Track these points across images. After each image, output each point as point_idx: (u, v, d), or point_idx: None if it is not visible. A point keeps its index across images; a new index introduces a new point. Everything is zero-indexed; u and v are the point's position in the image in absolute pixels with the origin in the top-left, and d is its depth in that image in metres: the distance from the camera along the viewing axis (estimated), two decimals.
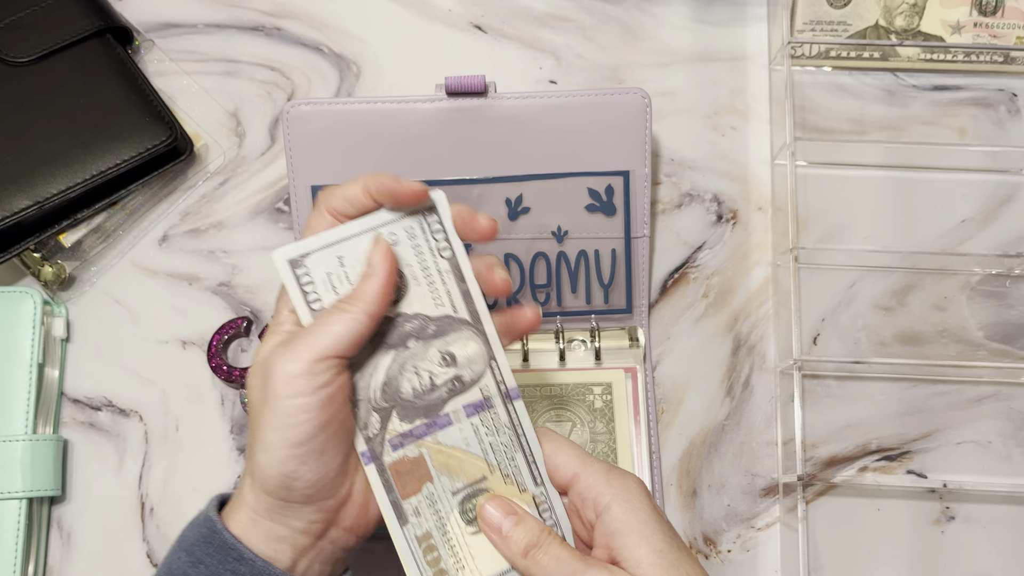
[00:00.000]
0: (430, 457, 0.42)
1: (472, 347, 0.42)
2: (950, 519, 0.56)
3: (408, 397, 0.42)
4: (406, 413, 0.42)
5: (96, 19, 0.59)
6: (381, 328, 0.41)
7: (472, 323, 0.42)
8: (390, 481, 0.42)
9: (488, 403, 0.43)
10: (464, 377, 0.42)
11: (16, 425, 0.54)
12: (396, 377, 0.41)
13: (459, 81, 0.54)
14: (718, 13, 0.64)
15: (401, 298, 0.41)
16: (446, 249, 0.41)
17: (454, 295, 0.42)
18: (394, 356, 0.41)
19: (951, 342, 0.58)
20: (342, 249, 0.40)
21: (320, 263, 0.40)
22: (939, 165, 0.61)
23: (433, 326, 0.42)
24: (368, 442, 0.41)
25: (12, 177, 0.56)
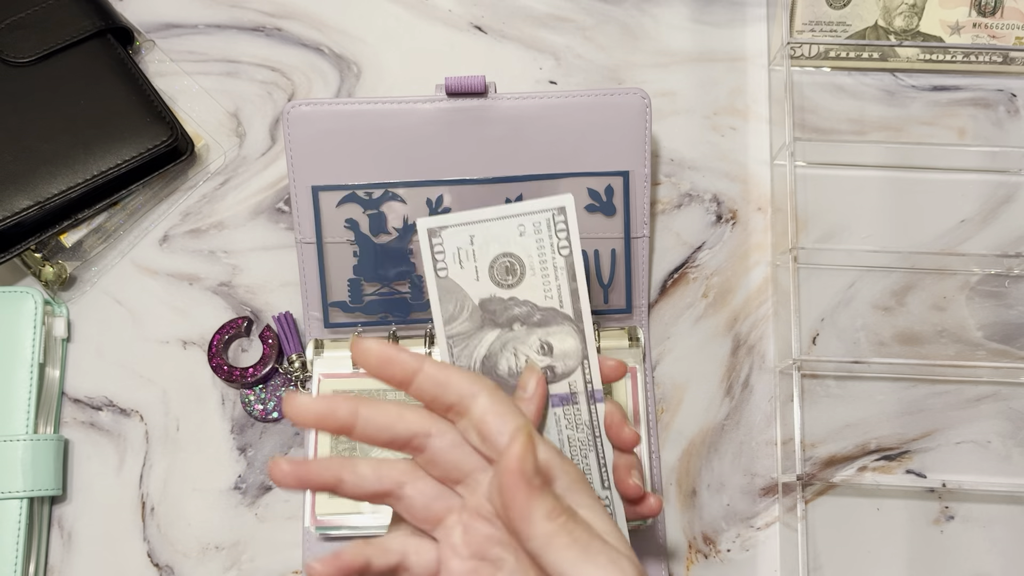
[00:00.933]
0: None
1: (570, 342, 0.45)
2: (949, 519, 0.56)
3: (503, 374, 0.45)
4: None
5: (97, 19, 0.59)
6: (493, 307, 0.45)
7: (574, 320, 0.45)
8: None
9: (574, 398, 0.45)
10: (557, 368, 0.45)
11: (17, 425, 0.54)
12: (497, 354, 0.45)
13: (459, 81, 0.55)
14: (717, 13, 0.64)
15: (517, 284, 0.45)
16: (565, 248, 0.44)
17: (563, 291, 0.45)
18: (499, 335, 0.45)
19: (950, 342, 0.58)
20: (475, 229, 0.44)
21: (453, 237, 0.44)
22: (938, 165, 0.61)
23: (539, 315, 0.45)
24: None
25: (13, 177, 0.56)
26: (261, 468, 0.57)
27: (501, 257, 0.44)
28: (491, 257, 0.44)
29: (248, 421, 0.58)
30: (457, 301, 0.44)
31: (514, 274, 0.44)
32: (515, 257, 0.44)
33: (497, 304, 0.45)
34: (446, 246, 0.44)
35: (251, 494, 0.57)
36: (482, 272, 0.44)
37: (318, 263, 0.56)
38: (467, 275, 0.44)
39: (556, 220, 0.44)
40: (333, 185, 0.56)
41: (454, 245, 0.44)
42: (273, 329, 0.58)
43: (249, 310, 0.59)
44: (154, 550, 0.56)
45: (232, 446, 0.57)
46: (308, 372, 0.56)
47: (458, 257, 0.44)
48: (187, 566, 0.56)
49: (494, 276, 0.44)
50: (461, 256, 0.44)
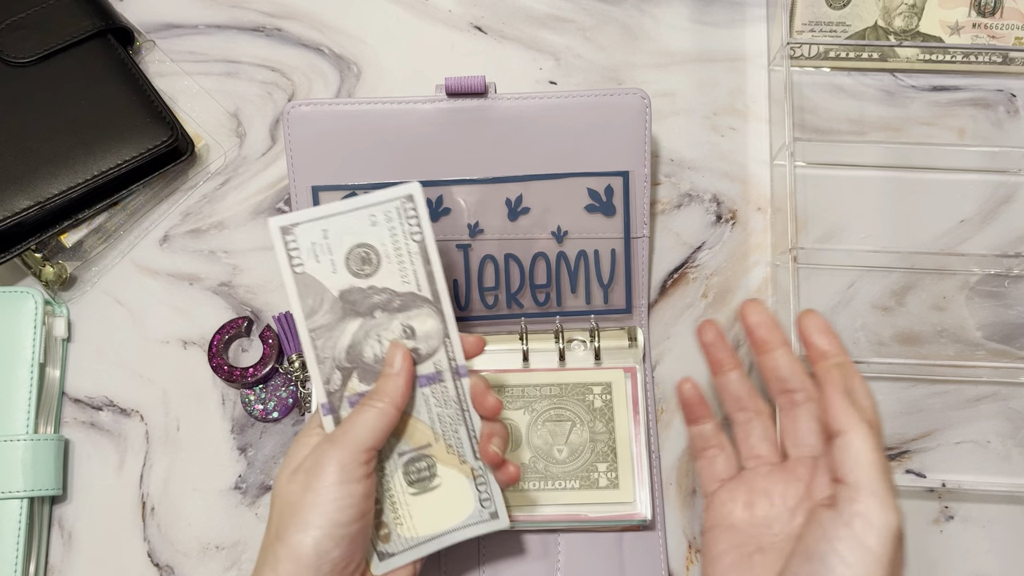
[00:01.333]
0: None
1: (430, 323, 0.46)
2: (949, 518, 0.56)
3: (369, 361, 0.46)
4: (365, 375, 0.46)
5: (97, 20, 0.59)
6: (353, 297, 0.46)
7: (433, 302, 0.46)
8: None
9: (439, 376, 0.47)
10: (421, 350, 0.46)
11: (17, 425, 0.54)
12: (361, 342, 0.46)
13: (459, 82, 0.55)
14: (717, 14, 0.64)
15: (374, 272, 0.46)
16: (417, 234, 0.46)
17: (420, 275, 0.46)
18: (361, 323, 0.46)
19: (950, 342, 0.58)
20: (327, 224, 0.45)
21: (306, 233, 0.45)
22: (938, 165, 0.61)
23: (398, 300, 0.46)
24: (329, 396, 0.46)
25: (13, 177, 0.56)
26: (261, 468, 0.57)
27: (356, 248, 0.46)
28: (346, 249, 0.45)
29: (248, 421, 0.58)
30: (316, 295, 0.45)
31: (370, 263, 0.46)
32: (370, 247, 0.46)
33: (357, 294, 0.46)
34: (300, 242, 0.45)
35: (251, 494, 0.57)
36: (339, 264, 0.45)
37: None
38: (324, 268, 0.45)
39: (406, 207, 0.46)
40: (333, 185, 0.56)
41: (308, 240, 0.45)
42: (273, 329, 0.58)
43: (249, 310, 0.59)
44: (154, 550, 0.56)
45: (232, 446, 0.57)
46: (308, 372, 0.56)
47: (313, 252, 0.45)
48: (187, 566, 0.56)
49: (351, 267, 0.46)
50: (316, 250, 0.45)
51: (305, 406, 0.56)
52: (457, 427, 0.47)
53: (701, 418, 0.50)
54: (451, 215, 0.56)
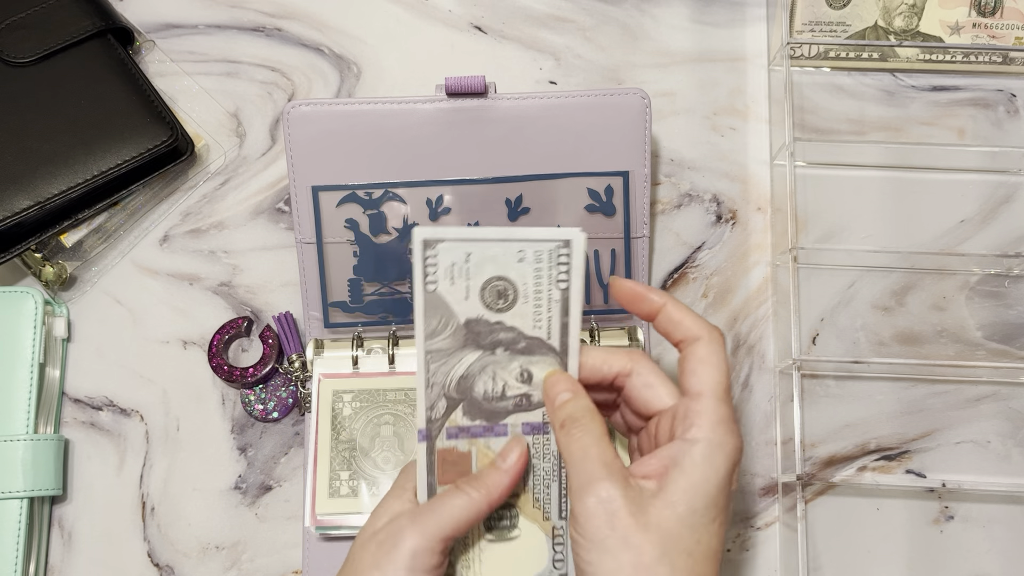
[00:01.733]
0: (476, 457, 0.45)
1: None
2: (949, 519, 0.56)
3: (478, 397, 0.44)
4: (471, 410, 0.44)
5: (97, 20, 0.59)
6: (478, 328, 0.44)
7: (559, 353, 0.44)
8: (434, 464, 0.44)
9: (545, 429, 0.45)
10: (533, 398, 0.45)
11: (17, 425, 0.54)
12: (475, 375, 0.44)
13: (459, 82, 0.55)
14: (717, 14, 0.64)
15: (507, 309, 0.44)
16: (564, 282, 0.44)
17: (554, 323, 0.44)
18: (479, 356, 0.44)
19: (950, 342, 0.58)
20: (472, 248, 0.43)
21: (448, 252, 0.43)
22: (938, 165, 0.61)
23: (524, 343, 0.44)
24: (428, 423, 0.44)
25: (13, 177, 0.56)
26: (261, 468, 0.57)
27: (495, 280, 0.43)
28: (484, 278, 0.43)
29: (248, 421, 0.58)
30: (442, 317, 0.43)
31: (506, 299, 0.44)
32: (509, 282, 0.44)
33: (483, 326, 0.44)
34: (440, 260, 0.43)
35: (251, 494, 0.57)
36: (473, 292, 0.43)
37: (318, 263, 0.56)
38: (457, 292, 0.43)
39: (560, 252, 0.43)
40: (333, 185, 0.56)
41: (448, 260, 0.43)
42: (273, 329, 0.58)
43: (249, 310, 0.59)
44: (154, 550, 0.56)
45: (232, 446, 0.57)
46: (308, 372, 0.56)
47: (451, 273, 0.43)
48: (187, 566, 0.56)
49: (484, 298, 0.44)
50: (454, 272, 0.43)
51: (305, 406, 0.56)
52: (550, 483, 0.45)
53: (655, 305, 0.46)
54: (451, 215, 0.56)
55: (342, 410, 0.54)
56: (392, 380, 0.55)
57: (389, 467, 0.54)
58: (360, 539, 0.43)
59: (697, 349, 0.43)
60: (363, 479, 0.53)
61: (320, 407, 0.54)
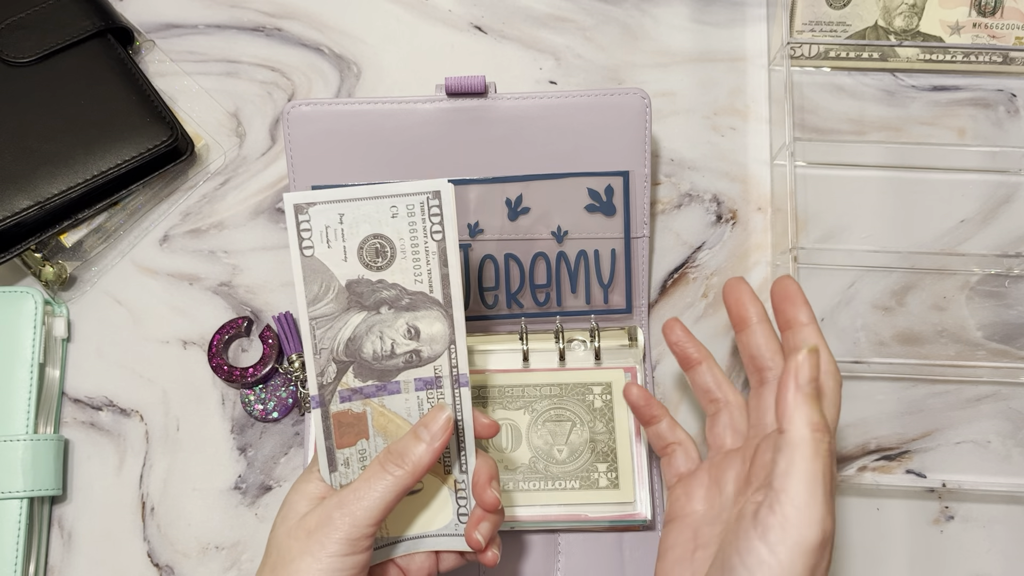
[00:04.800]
0: (372, 417, 0.45)
1: (437, 327, 0.44)
2: (949, 519, 0.56)
3: (367, 357, 0.44)
4: (361, 371, 0.44)
5: (97, 19, 0.59)
6: (360, 289, 0.44)
7: (443, 305, 0.44)
8: (330, 428, 0.45)
9: (438, 382, 0.45)
10: (423, 352, 0.45)
11: (17, 425, 0.54)
12: (362, 337, 0.44)
13: (459, 81, 0.55)
14: (717, 14, 0.64)
15: (386, 266, 0.44)
16: (438, 232, 0.44)
17: (434, 276, 0.44)
18: (364, 317, 0.44)
19: (950, 342, 0.58)
20: (345, 208, 0.43)
21: (321, 215, 0.43)
22: (938, 165, 0.61)
23: (407, 299, 0.44)
24: (320, 388, 0.44)
25: (13, 177, 0.56)
26: (261, 468, 0.57)
27: (371, 238, 0.43)
28: (361, 238, 0.43)
29: (248, 421, 0.58)
30: (323, 282, 0.43)
31: (384, 256, 0.44)
32: (386, 239, 0.43)
33: (365, 286, 0.44)
34: (313, 224, 0.43)
35: (251, 494, 0.57)
36: (350, 253, 0.43)
37: None
38: (334, 255, 0.43)
39: (431, 204, 0.43)
40: (333, 185, 0.56)
41: (322, 223, 0.42)
42: (273, 329, 0.58)
43: (249, 310, 0.59)
44: (154, 550, 0.56)
45: (232, 446, 0.57)
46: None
47: (326, 236, 0.43)
48: (187, 566, 0.56)
49: (363, 257, 0.43)
50: (329, 235, 0.43)
51: (305, 406, 0.56)
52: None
53: (654, 418, 0.49)
54: None
55: None
56: None
57: None
58: (284, 527, 0.43)
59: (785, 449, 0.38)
60: None
61: None
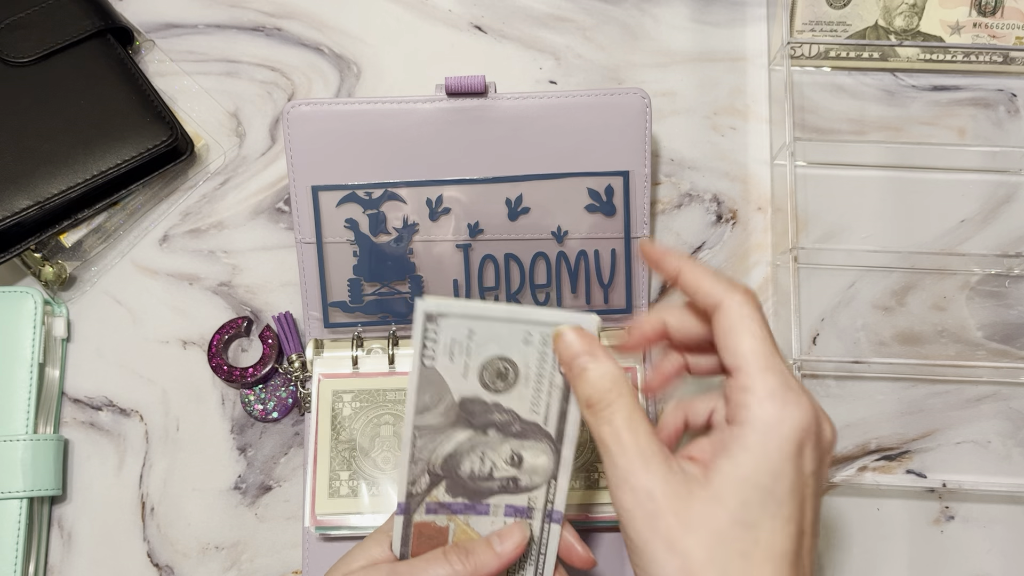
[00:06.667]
0: (454, 533, 0.44)
1: (542, 460, 0.43)
2: (949, 519, 0.56)
3: (463, 475, 0.43)
4: (453, 488, 0.43)
5: (97, 19, 0.59)
6: (473, 408, 0.42)
7: (555, 440, 0.42)
8: (409, 536, 0.44)
9: (529, 513, 0.43)
10: (521, 481, 0.43)
11: (17, 425, 0.54)
12: (464, 453, 0.43)
13: (459, 81, 0.55)
14: (718, 13, 0.64)
15: (505, 391, 0.42)
16: None
17: (551, 410, 0.42)
18: (470, 436, 0.42)
19: (950, 342, 0.58)
20: (477, 325, 0.41)
21: (451, 328, 0.41)
22: (938, 165, 0.61)
23: (518, 426, 0.42)
24: (409, 497, 0.43)
25: (13, 177, 0.56)
26: (261, 468, 0.57)
27: (497, 360, 0.41)
28: (486, 358, 0.41)
29: (248, 421, 0.58)
30: (436, 394, 0.42)
31: (505, 380, 0.42)
32: (511, 363, 0.41)
33: (478, 406, 0.42)
34: (440, 335, 0.41)
35: (251, 494, 0.57)
36: (472, 371, 0.42)
37: (318, 263, 0.56)
38: (455, 370, 0.41)
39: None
40: (333, 185, 0.56)
41: (449, 336, 0.41)
42: (273, 329, 0.58)
43: (249, 310, 0.59)
44: (154, 550, 0.56)
45: (232, 446, 0.57)
46: (308, 372, 0.56)
47: (450, 350, 0.41)
48: (187, 566, 0.56)
49: (483, 378, 0.42)
50: (454, 349, 0.41)
51: (305, 406, 0.56)
52: (526, 565, 0.44)
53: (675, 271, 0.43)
54: (450, 215, 0.56)
55: (342, 410, 0.54)
56: (392, 380, 0.55)
57: (389, 467, 0.54)
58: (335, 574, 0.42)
59: (722, 319, 0.37)
60: (363, 479, 0.53)
61: (320, 407, 0.54)
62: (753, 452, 0.34)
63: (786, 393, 0.35)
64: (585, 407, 0.38)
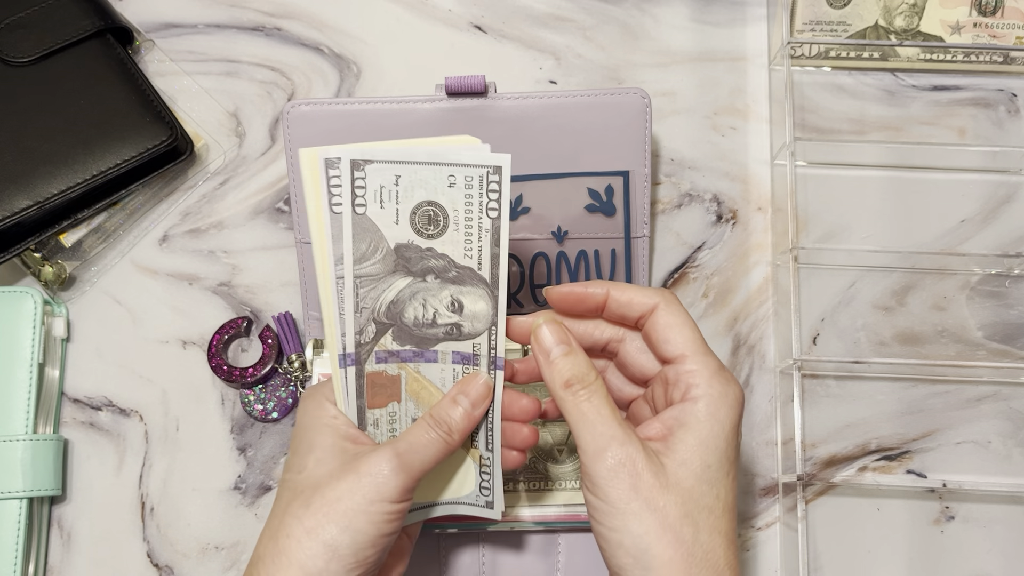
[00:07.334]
0: (406, 381, 0.45)
1: (481, 305, 0.44)
2: (949, 519, 0.56)
3: (408, 323, 0.44)
4: (400, 335, 0.44)
5: (96, 19, 0.59)
6: (408, 254, 0.43)
7: (490, 285, 0.44)
8: (363, 388, 0.45)
9: (475, 360, 0.45)
10: (464, 328, 0.44)
11: (16, 425, 0.54)
12: (405, 301, 0.44)
13: (459, 81, 0.54)
14: (718, 13, 0.64)
15: (437, 235, 0.43)
16: (494, 210, 0.43)
17: (484, 253, 0.43)
18: (410, 283, 0.43)
19: (951, 342, 0.58)
20: (402, 169, 0.42)
21: (378, 174, 0.42)
22: (939, 165, 0.61)
23: (455, 271, 0.43)
24: (357, 347, 0.44)
25: (12, 177, 0.56)
26: (261, 468, 0.57)
27: (425, 205, 0.42)
28: (415, 203, 0.42)
29: (248, 421, 0.58)
30: (371, 241, 0.42)
31: (436, 225, 0.43)
32: (440, 207, 0.42)
33: (414, 252, 0.43)
34: (368, 182, 0.41)
35: (251, 494, 0.57)
36: (403, 216, 0.42)
37: None
38: (386, 217, 0.42)
39: (490, 179, 0.42)
40: None
41: (377, 182, 0.41)
42: (273, 329, 0.58)
43: (249, 310, 0.59)
44: (154, 550, 0.56)
45: (232, 446, 0.57)
46: (308, 372, 0.56)
47: (379, 196, 0.42)
48: (187, 566, 0.56)
49: (415, 223, 0.42)
50: (383, 196, 0.42)
51: None
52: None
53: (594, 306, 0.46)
54: None
55: None
56: None
57: None
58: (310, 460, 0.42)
59: (659, 317, 0.42)
60: None
61: None
62: (708, 422, 0.40)
63: (723, 372, 0.41)
64: (563, 387, 0.41)
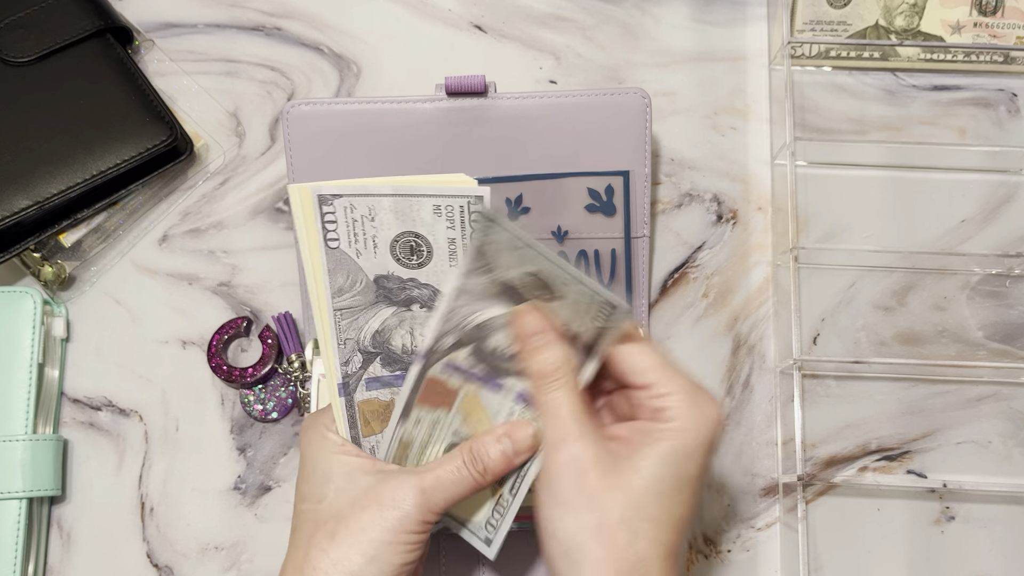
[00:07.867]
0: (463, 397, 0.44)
1: None
2: (950, 519, 0.56)
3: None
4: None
5: (96, 19, 0.59)
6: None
7: None
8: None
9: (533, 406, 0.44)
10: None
11: (16, 425, 0.54)
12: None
13: (459, 81, 0.54)
14: (718, 13, 0.64)
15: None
16: None
17: None
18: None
19: (951, 342, 0.58)
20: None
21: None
22: (939, 165, 0.61)
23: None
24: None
25: (12, 177, 0.56)
26: (261, 468, 0.57)
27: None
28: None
29: (247, 421, 0.58)
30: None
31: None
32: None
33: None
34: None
35: (251, 494, 0.57)
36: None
37: None
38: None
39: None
40: None
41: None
42: (273, 329, 0.57)
43: (249, 310, 0.59)
44: (153, 550, 0.56)
45: (232, 446, 0.57)
46: (307, 372, 0.56)
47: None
48: (187, 566, 0.55)
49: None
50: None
51: (304, 406, 0.56)
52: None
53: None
54: None
55: None
56: None
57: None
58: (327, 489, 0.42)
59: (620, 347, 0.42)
60: None
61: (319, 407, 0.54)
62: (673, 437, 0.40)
63: (697, 392, 0.41)
64: (536, 378, 0.42)
